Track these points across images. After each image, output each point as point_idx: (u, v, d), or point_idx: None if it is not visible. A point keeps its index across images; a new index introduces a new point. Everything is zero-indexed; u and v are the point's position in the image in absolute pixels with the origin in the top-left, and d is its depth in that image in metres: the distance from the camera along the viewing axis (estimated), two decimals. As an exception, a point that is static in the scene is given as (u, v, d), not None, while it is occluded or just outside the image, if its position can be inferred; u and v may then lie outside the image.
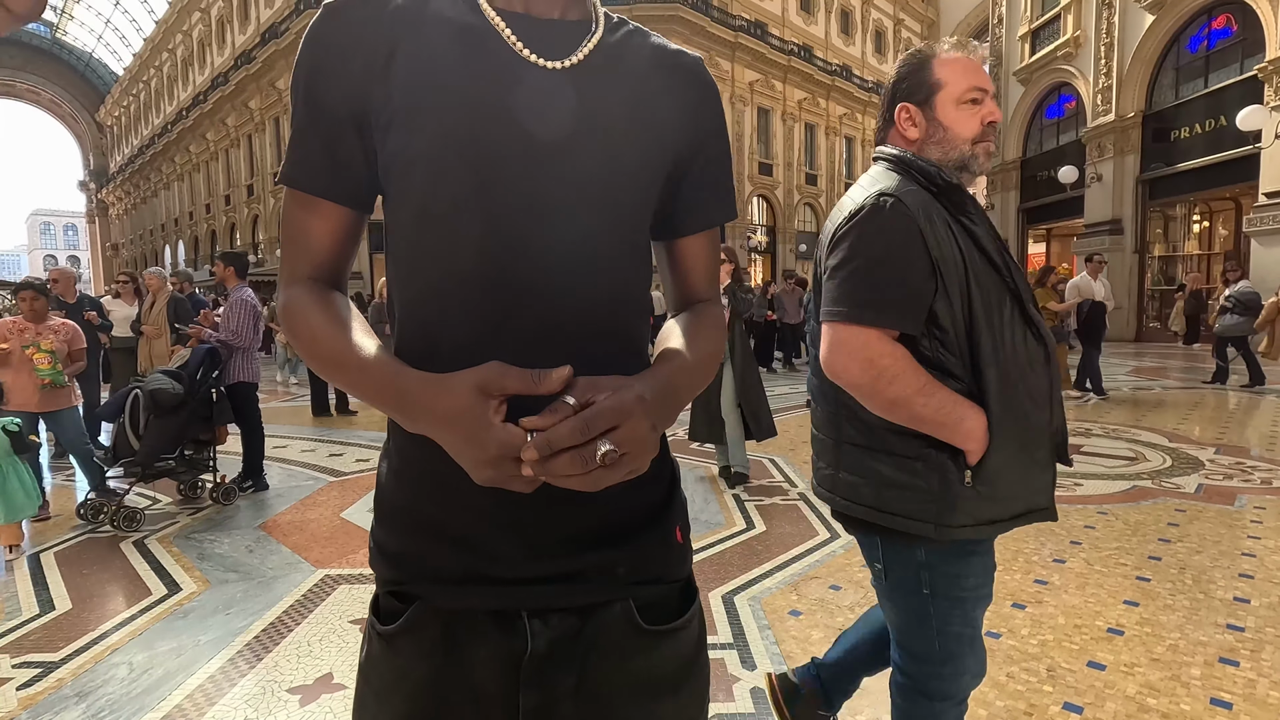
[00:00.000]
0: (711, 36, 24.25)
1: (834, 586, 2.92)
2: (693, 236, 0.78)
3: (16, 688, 2.26)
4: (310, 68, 0.66)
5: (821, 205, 30.38)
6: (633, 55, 0.71)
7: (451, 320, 0.65)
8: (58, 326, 4.08)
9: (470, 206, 0.63)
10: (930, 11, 36.59)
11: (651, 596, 0.71)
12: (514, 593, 0.66)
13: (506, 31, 0.66)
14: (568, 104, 0.65)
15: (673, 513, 0.74)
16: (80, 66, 50.32)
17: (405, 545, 0.68)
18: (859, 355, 1.17)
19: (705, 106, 0.76)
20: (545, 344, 0.64)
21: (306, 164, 0.68)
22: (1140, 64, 14.52)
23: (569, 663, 0.67)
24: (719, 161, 0.78)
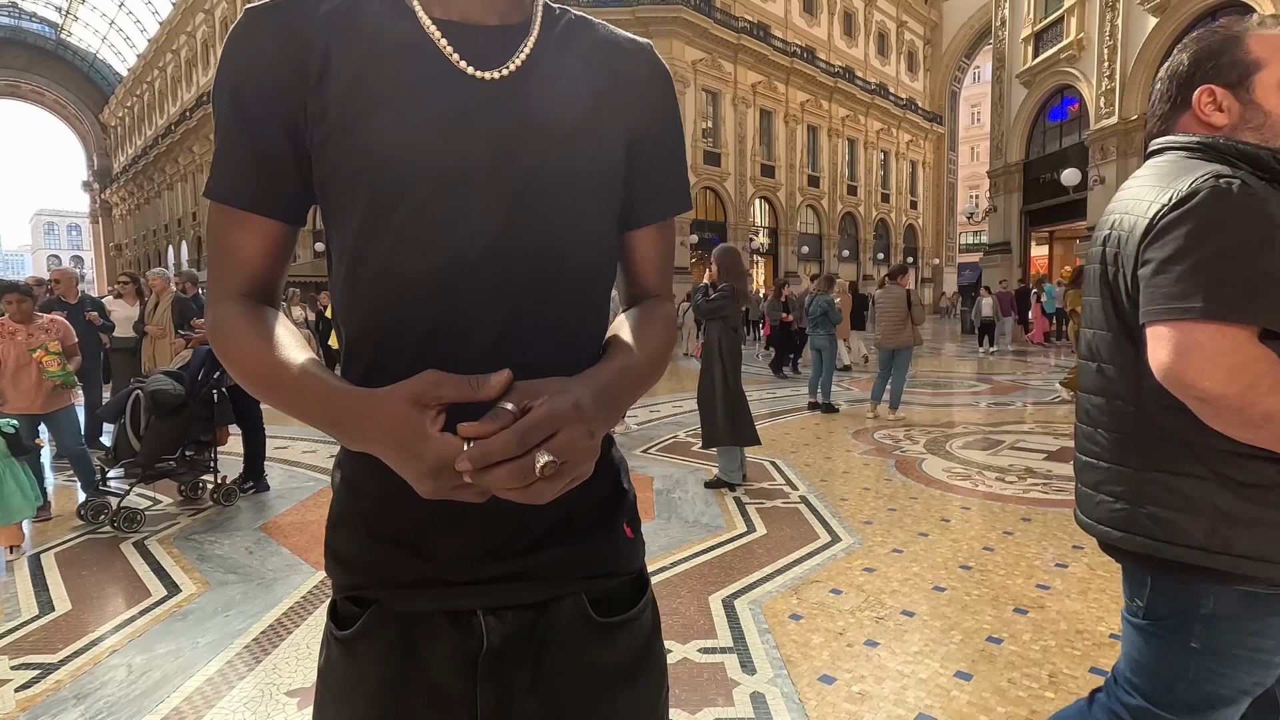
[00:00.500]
0: (714, 38, 24.27)
1: (835, 590, 2.91)
2: (641, 230, 0.76)
3: (15, 689, 2.25)
4: (236, 75, 0.63)
5: (823, 207, 30.38)
6: (577, 52, 0.70)
7: (393, 337, 0.64)
8: (47, 325, 4.07)
9: (409, 222, 0.62)
10: (933, 14, 36.61)
11: (603, 590, 0.71)
12: (468, 593, 0.66)
13: (443, 42, 0.64)
14: (505, 115, 0.64)
15: (621, 509, 0.74)
16: (84, 67, 50.47)
17: (359, 552, 0.68)
18: (1225, 361, 0.94)
19: (652, 93, 0.74)
20: (490, 356, 0.62)
21: (237, 177, 0.65)
22: (1144, 66, 14.50)
23: (524, 657, 0.68)
24: (669, 151, 0.76)
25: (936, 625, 2.59)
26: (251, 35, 0.63)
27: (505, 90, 0.64)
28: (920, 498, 4.23)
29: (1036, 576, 3.01)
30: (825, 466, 5.09)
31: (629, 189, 0.73)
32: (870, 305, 12.84)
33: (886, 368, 6.95)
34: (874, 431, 6.30)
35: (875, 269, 31.85)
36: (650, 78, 0.74)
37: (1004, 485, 4.46)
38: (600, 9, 22.16)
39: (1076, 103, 16.97)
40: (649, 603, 0.76)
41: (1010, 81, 19.01)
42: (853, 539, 3.52)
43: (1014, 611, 2.68)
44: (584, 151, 0.67)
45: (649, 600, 0.77)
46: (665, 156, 0.76)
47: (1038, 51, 17.90)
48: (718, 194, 25.77)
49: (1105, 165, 15.28)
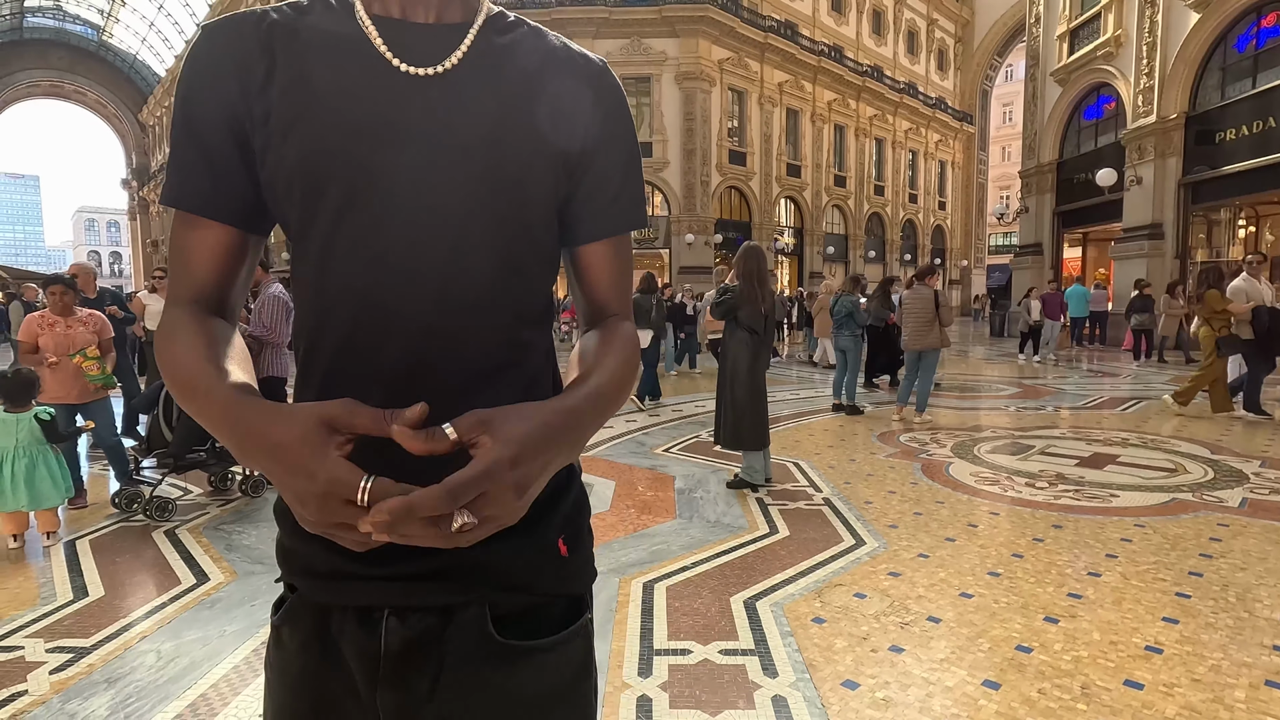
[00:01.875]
0: (741, 37, 24.12)
1: (859, 595, 2.86)
2: (591, 245, 0.74)
3: (49, 671, 2.31)
4: (188, 88, 0.65)
5: (849, 207, 30.05)
6: (521, 57, 0.69)
7: (325, 342, 0.65)
8: (85, 318, 4.17)
9: (338, 223, 0.62)
10: (965, 11, 35.99)
11: (515, 606, 0.67)
12: (374, 589, 0.65)
13: (377, 39, 0.64)
14: (434, 113, 0.63)
15: (553, 521, 0.69)
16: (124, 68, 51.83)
17: (289, 541, 0.69)
18: None
19: (600, 108, 0.72)
20: (420, 364, 0.63)
21: (186, 182, 0.66)
22: (1184, 64, 14.09)
23: (424, 665, 0.65)
24: (619, 165, 0.74)
25: (964, 632, 2.53)
26: (202, 51, 0.65)
27: (435, 87, 0.64)
28: (947, 502, 4.16)
29: (1068, 585, 2.93)
30: (849, 469, 5.02)
31: (578, 204, 0.72)
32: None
33: (913, 370, 6.83)
34: (899, 434, 6.20)
35: (902, 270, 31.41)
36: (599, 91, 0.72)
37: (1034, 491, 4.36)
38: (626, 8, 22.17)
39: (1113, 101, 16.55)
40: (576, 637, 0.70)
41: (1044, 79, 18.60)
42: (877, 543, 3.46)
43: (1044, 620, 2.61)
44: (510, 155, 0.65)
45: (577, 635, 0.70)
46: (616, 171, 0.74)
47: (1073, 49, 17.49)
48: (742, 194, 25.62)
49: (1142, 165, 14.89)
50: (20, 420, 3.45)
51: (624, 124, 0.74)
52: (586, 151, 0.71)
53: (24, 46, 46.56)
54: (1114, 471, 4.83)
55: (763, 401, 4.46)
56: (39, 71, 48.59)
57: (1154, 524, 3.71)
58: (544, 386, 0.71)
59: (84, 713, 2.08)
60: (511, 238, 0.66)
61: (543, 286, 0.70)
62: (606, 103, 0.73)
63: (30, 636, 2.56)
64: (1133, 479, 4.63)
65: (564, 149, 0.69)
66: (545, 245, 0.70)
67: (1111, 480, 4.60)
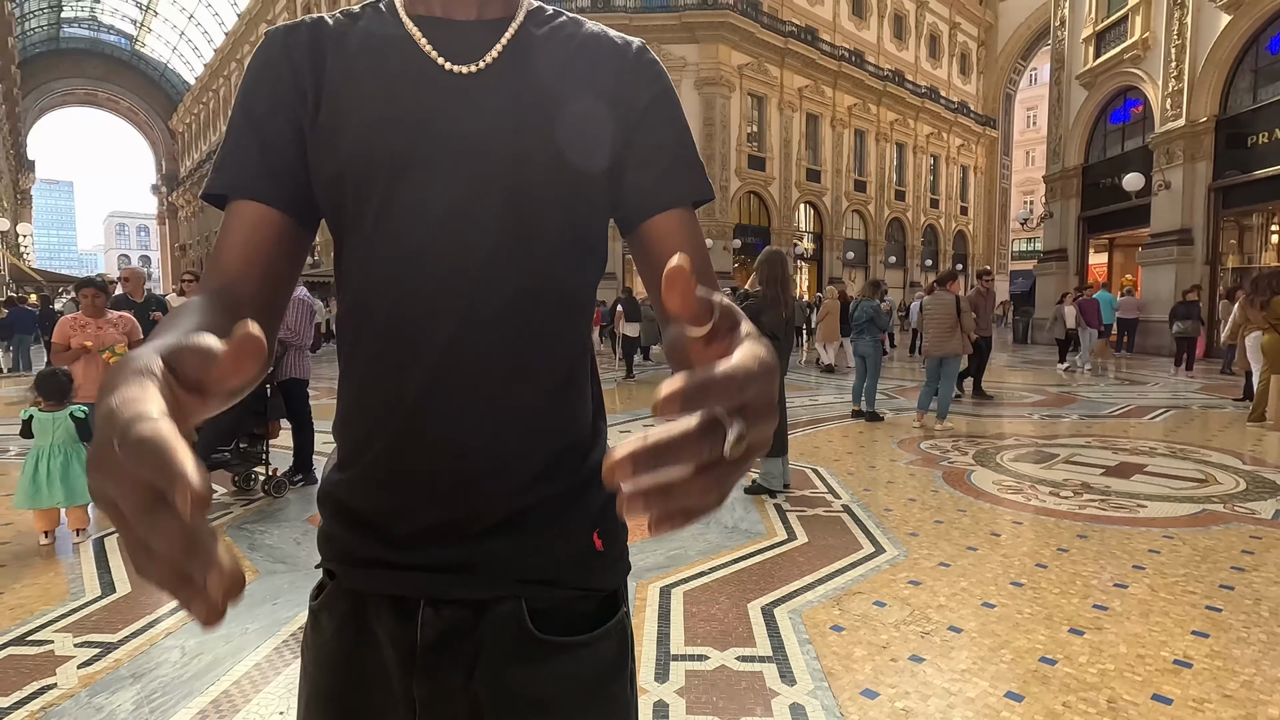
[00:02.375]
0: (761, 43, 24.12)
1: (878, 603, 2.83)
2: (657, 218, 0.69)
3: (78, 666, 2.36)
4: (248, 83, 0.67)
5: (869, 212, 29.83)
6: (559, 46, 0.69)
7: (367, 332, 0.66)
8: (115, 320, 4.27)
9: (382, 216, 0.63)
10: (988, 15, 35.66)
11: (550, 601, 0.67)
12: (409, 579, 0.66)
13: (420, 39, 0.66)
14: (474, 107, 0.64)
15: (586, 511, 0.69)
16: (155, 76, 53.09)
17: (330, 528, 0.70)
18: None
19: (641, 82, 0.70)
20: (459, 354, 0.63)
21: (238, 165, 0.65)
22: (1214, 66, 13.82)
23: (459, 658, 0.66)
24: (670, 136, 0.71)
25: (986, 643, 2.49)
26: (264, 49, 0.68)
27: (476, 83, 0.65)
28: (969, 510, 4.10)
29: (1093, 596, 2.87)
30: (869, 475, 4.97)
31: (631, 180, 0.69)
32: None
33: (934, 376, 6.75)
34: (920, 441, 6.13)
35: (923, 275, 31.10)
36: (639, 67, 0.71)
37: (1058, 500, 4.29)
38: (646, 14, 22.28)
39: (1140, 104, 16.27)
40: (613, 635, 0.69)
41: (1069, 83, 18.34)
42: (897, 550, 3.42)
43: (1069, 632, 2.56)
44: (552, 143, 0.65)
45: (614, 631, 0.69)
46: (668, 141, 0.70)
47: (1099, 52, 17.23)
48: (761, 199, 25.55)
49: (1171, 170, 14.61)
50: (56, 419, 3.54)
51: (668, 97, 0.72)
52: (634, 127, 0.69)
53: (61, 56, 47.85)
54: (1141, 481, 4.73)
55: (781, 407, 4.45)
56: (75, 80, 49.91)
57: (1183, 535, 3.62)
58: (582, 381, 0.70)
59: (110, 707, 2.12)
60: (557, 226, 0.66)
61: (587, 277, 0.70)
62: (647, 77, 0.71)
63: (59, 631, 2.61)
64: (1161, 489, 4.53)
65: (610, 129, 0.68)
66: (591, 234, 0.70)
67: (1139, 490, 4.50)
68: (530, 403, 0.65)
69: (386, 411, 0.65)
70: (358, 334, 0.67)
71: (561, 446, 0.68)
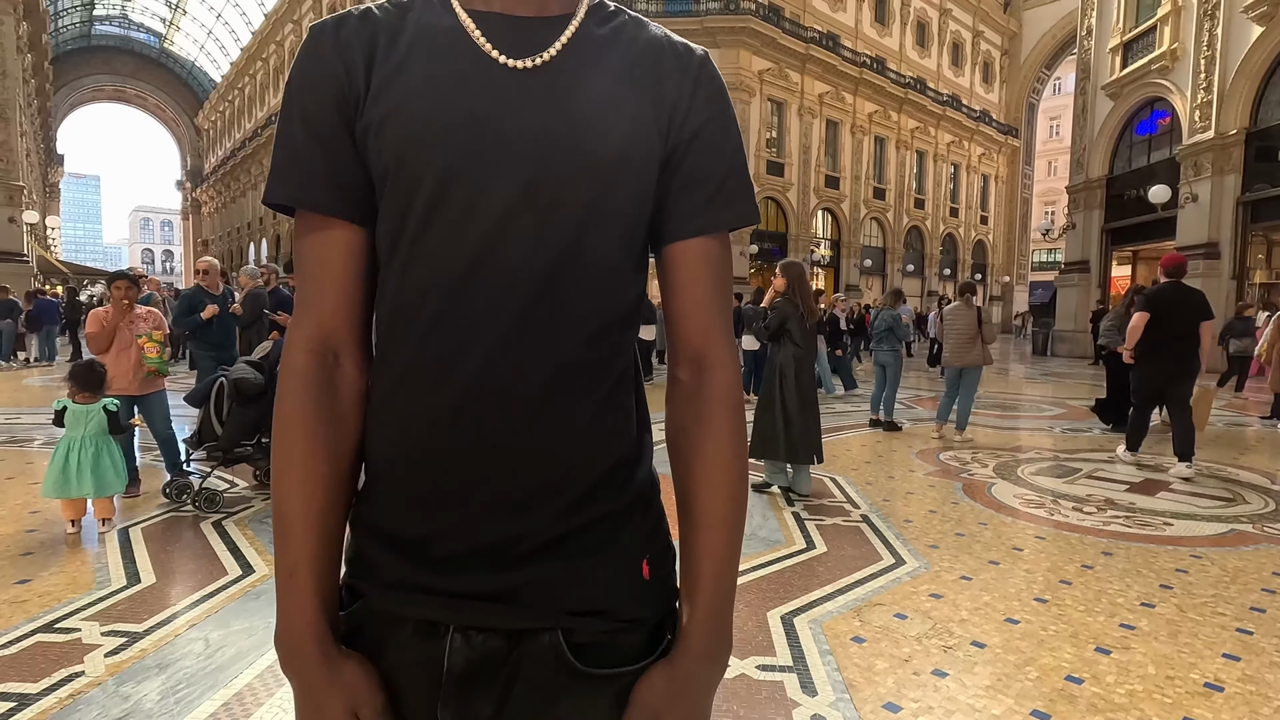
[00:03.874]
0: (782, 48, 24.06)
1: (899, 615, 2.80)
2: (682, 244, 0.67)
3: (104, 654, 2.39)
4: (298, 81, 0.64)
5: (888, 220, 29.63)
6: (621, 47, 0.66)
7: (408, 335, 0.62)
8: (145, 314, 4.35)
9: (430, 215, 0.60)
10: (1012, 24, 35.34)
11: (594, 633, 0.63)
12: (441, 604, 0.62)
13: (475, 32, 0.63)
14: (532, 104, 0.61)
15: (635, 539, 0.66)
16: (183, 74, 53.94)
17: (359, 545, 0.67)
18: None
19: (701, 98, 0.67)
20: (502, 362, 0.60)
21: (303, 174, 0.63)
22: (1245, 78, 13.59)
23: (489, 689, 0.62)
24: (718, 159, 0.67)
25: (1010, 659, 2.46)
26: (312, 48, 0.65)
27: (535, 79, 0.62)
28: (990, 524, 4.05)
29: (1120, 615, 2.82)
30: (888, 486, 4.93)
31: (673, 198, 0.66)
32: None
33: (953, 387, 6.70)
34: (939, 452, 6.07)
35: (941, 284, 30.83)
36: (699, 80, 0.67)
37: (1081, 516, 4.22)
38: (669, 19, 22.29)
39: (1168, 116, 16.04)
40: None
41: (1095, 93, 18.12)
42: (918, 562, 3.39)
43: (1095, 651, 2.52)
44: (607, 147, 0.62)
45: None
46: (719, 166, 0.67)
47: (1126, 62, 17.01)
48: (780, 205, 25.46)
49: (1198, 182, 14.38)
50: (90, 411, 3.60)
51: (724, 116, 0.68)
52: (686, 143, 0.66)
53: (92, 53, 48.75)
54: (1167, 499, 4.66)
55: (812, 412, 4.49)
56: (105, 77, 50.81)
57: (1211, 555, 3.56)
58: (627, 394, 0.67)
59: (137, 695, 2.14)
60: (604, 233, 0.63)
61: (632, 287, 0.67)
62: (707, 92, 0.67)
63: (86, 620, 2.65)
64: (1188, 507, 4.45)
65: (663, 140, 0.65)
66: (638, 243, 0.67)
67: (1165, 508, 4.43)
68: (576, 417, 0.62)
69: (422, 426, 0.62)
70: (391, 344, 0.64)
71: (608, 464, 0.64)
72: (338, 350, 0.65)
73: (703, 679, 0.64)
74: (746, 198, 0.69)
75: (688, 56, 0.68)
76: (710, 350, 0.67)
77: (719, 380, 0.67)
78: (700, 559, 0.65)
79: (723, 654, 0.65)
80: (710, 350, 0.67)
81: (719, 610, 0.65)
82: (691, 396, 0.67)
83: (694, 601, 0.64)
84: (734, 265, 13.06)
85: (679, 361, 0.68)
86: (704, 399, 0.66)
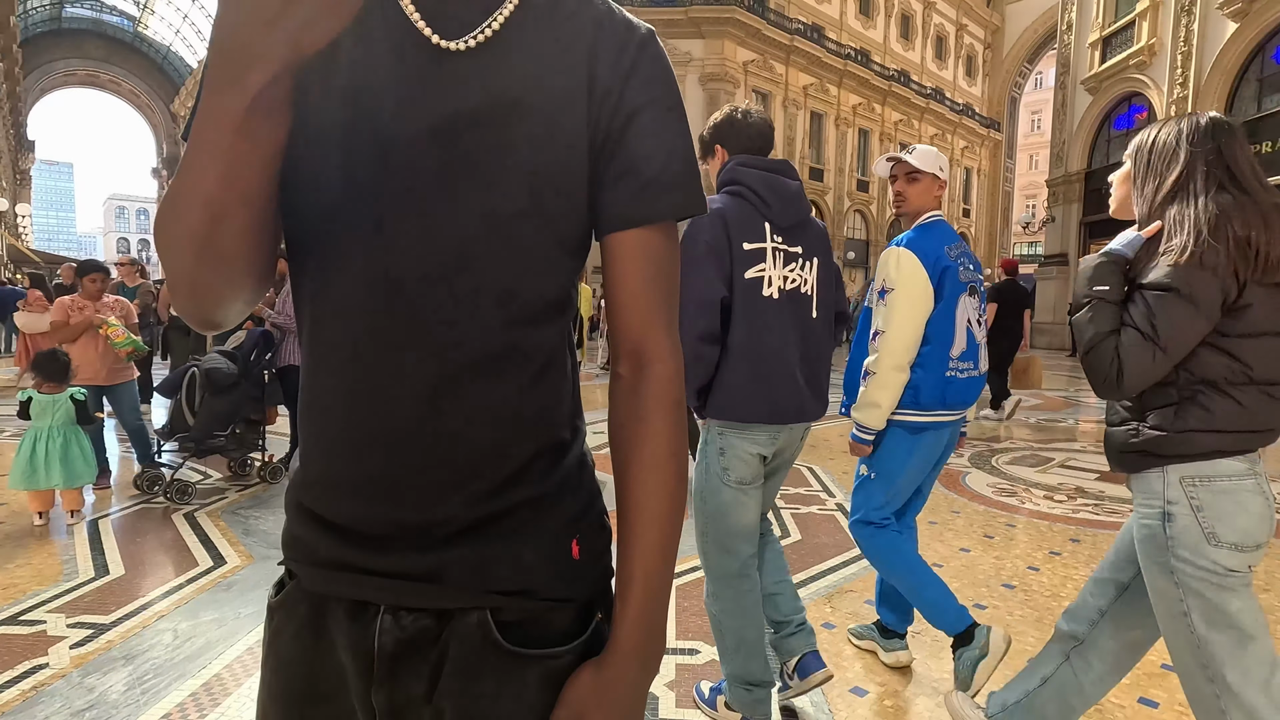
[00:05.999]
0: (767, 39, 24.05)
1: (870, 601, 2.83)
2: (619, 235, 0.64)
3: (70, 646, 2.36)
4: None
5: (872, 213, 29.82)
6: (557, 25, 0.62)
7: (326, 324, 0.61)
8: (112, 304, 4.29)
9: (341, 205, 0.58)
10: (995, 17, 35.57)
11: (520, 613, 0.63)
12: (369, 584, 0.62)
13: (409, 7, 0.59)
14: (459, 86, 0.58)
15: (564, 516, 0.65)
16: (158, 59, 52.82)
17: (293, 526, 0.67)
18: None
19: (635, 80, 0.63)
20: (420, 354, 0.59)
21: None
22: (1220, 74, 13.82)
23: (420, 668, 0.62)
24: (657, 145, 0.63)
25: (976, 643, 2.50)
26: None
27: (467, 61, 0.59)
28: (963, 512, 4.11)
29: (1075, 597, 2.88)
30: (864, 475, 4.98)
31: (610, 186, 0.63)
32: None
33: None
34: (916, 442, 6.14)
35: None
36: (637, 62, 0.63)
37: (1052, 504, 4.30)
38: (653, 9, 22.18)
39: (1145, 110, 16.26)
40: (588, 648, 0.65)
41: (1075, 87, 18.33)
42: (890, 550, 3.43)
43: (1059, 634, 2.57)
44: (539, 133, 0.59)
45: (593, 641, 0.66)
46: (658, 153, 0.63)
47: (1105, 57, 17.22)
48: (764, 196, 25.53)
49: (1174, 177, 14.61)
50: (56, 400, 3.54)
51: (665, 99, 0.65)
52: (620, 129, 0.63)
53: (62, 36, 47.54)
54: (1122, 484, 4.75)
55: None
56: (76, 61, 49.62)
57: (1175, 541, 3.64)
58: (559, 376, 0.66)
59: (102, 687, 2.12)
60: (526, 220, 0.61)
61: (567, 277, 0.65)
62: (645, 74, 0.64)
63: (52, 612, 2.62)
64: (1154, 495, 4.55)
65: (592, 128, 0.62)
66: (572, 236, 0.64)
67: (1122, 492, 4.51)
68: (504, 399, 0.61)
69: (347, 407, 0.61)
70: (316, 321, 0.62)
71: (537, 446, 0.64)
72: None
73: (630, 679, 0.63)
74: (686, 186, 0.65)
75: (627, 35, 0.64)
76: (648, 344, 0.65)
77: (657, 375, 0.65)
78: (633, 559, 0.64)
79: (653, 654, 0.64)
80: (648, 344, 0.65)
81: (649, 610, 0.63)
82: (629, 392, 0.65)
83: (625, 601, 0.63)
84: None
85: (619, 356, 0.67)
86: (641, 395, 0.65)
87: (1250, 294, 1.28)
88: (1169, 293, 1.29)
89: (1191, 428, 1.31)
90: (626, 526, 0.65)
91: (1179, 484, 1.33)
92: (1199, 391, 1.31)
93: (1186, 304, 1.27)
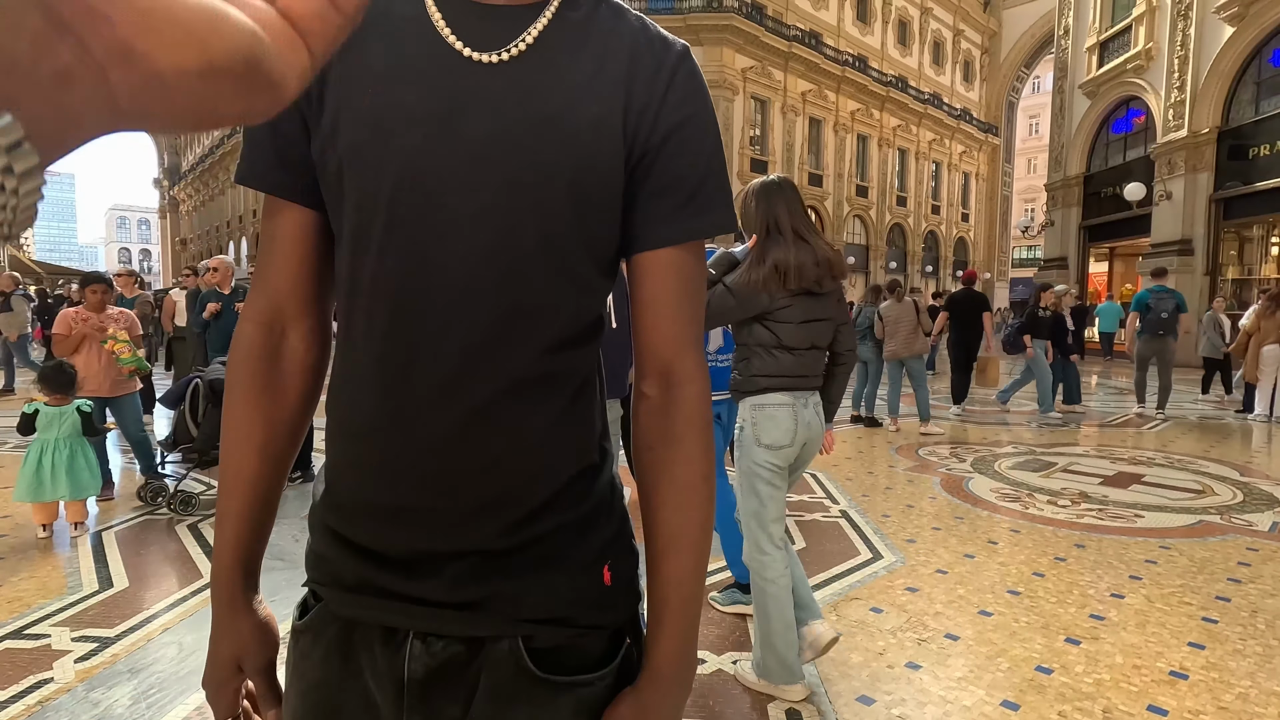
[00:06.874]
0: (765, 46, 24.14)
1: (875, 609, 2.83)
2: (655, 252, 0.63)
3: (75, 660, 2.36)
4: None
5: (870, 218, 29.86)
6: (594, 40, 0.61)
7: (361, 347, 0.61)
8: (117, 315, 4.30)
9: (382, 223, 0.58)
10: (992, 23, 35.69)
11: (555, 640, 0.62)
12: (401, 610, 0.61)
13: (439, 21, 0.59)
14: (493, 106, 0.58)
15: (596, 542, 0.64)
16: (159, 70, 53.02)
17: (321, 547, 0.66)
18: None
19: (673, 101, 0.62)
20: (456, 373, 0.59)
21: (252, 158, 0.63)
22: (1217, 78, 13.85)
23: (453, 695, 0.61)
24: (692, 166, 0.63)
25: (982, 651, 2.50)
26: None
27: (498, 77, 0.58)
28: (966, 518, 4.10)
29: (1090, 606, 2.88)
30: (867, 481, 4.98)
31: (643, 204, 0.62)
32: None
33: (897, 380, 7.07)
34: (919, 448, 6.14)
35: (923, 281, 31.12)
36: (674, 79, 0.62)
37: (1056, 509, 4.29)
38: (652, 16, 22.13)
39: (1142, 115, 16.31)
40: (621, 671, 0.65)
41: (1072, 92, 18.38)
42: (895, 557, 3.43)
43: (1065, 641, 2.57)
44: (573, 149, 0.59)
45: (621, 669, 0.65)
46: (692, 173, 0.63)
47: (1103, 61, 17.27)
48: (763, 202, 25.58)
49: (1172, 180, 14.64)
50: (63, 413, 3.54)
51: (700, 117, 0.63)
52: (656, 147, 0.62)
53: (64, 48, 47.74)
54: (1139, 491, 4.74)
55: None
56: (77, 73, 49.76)
57: (1180, 546, 3.63)
58: (588, 401, 0.66)
59: (107, 701, 2.12)
60: (568, 240, 0.60)
61: (597, 297, 0.65)
62: (682, 92, 0.62)
63: (57, 625, 2.61)
64: (1158, 499, 4.54)
65: (629, 145, 0.61)
66: (604, 251, 0.63)
67: (1136, 500, 4.51)
68: (530, 430, 0.61)
69: (381, 432, 0.60)
70: (350, 347, 0.62)
71: (566, 477, 0.63)
72: (285, 324, 0.66)
73: (670, 705, 0.64)
74: (722, 205, 0.65)
75: (663, 53, 0.63)
76: (679, 365, 0.64)
77: (688, 396, 0.64)
78: (667, 584, 0.63)
79: (689, 678, 0.66)
80: (679, 365, 0.64)
81: (685, 635, 0.64)
82: (658, 413, 0.64)
83: (660, 625, 0.63)
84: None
85: (645, 375, 0.65)
86: (672, 416, 0.64)
87: (785, 299, 2.15)
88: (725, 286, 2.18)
89: (754, 373, 2.18)
90: (658, 550, 0.64)
91: (748, 408, 2.21)
92: (755, 352, 2.18)
93: (730, 294, 2.16)
